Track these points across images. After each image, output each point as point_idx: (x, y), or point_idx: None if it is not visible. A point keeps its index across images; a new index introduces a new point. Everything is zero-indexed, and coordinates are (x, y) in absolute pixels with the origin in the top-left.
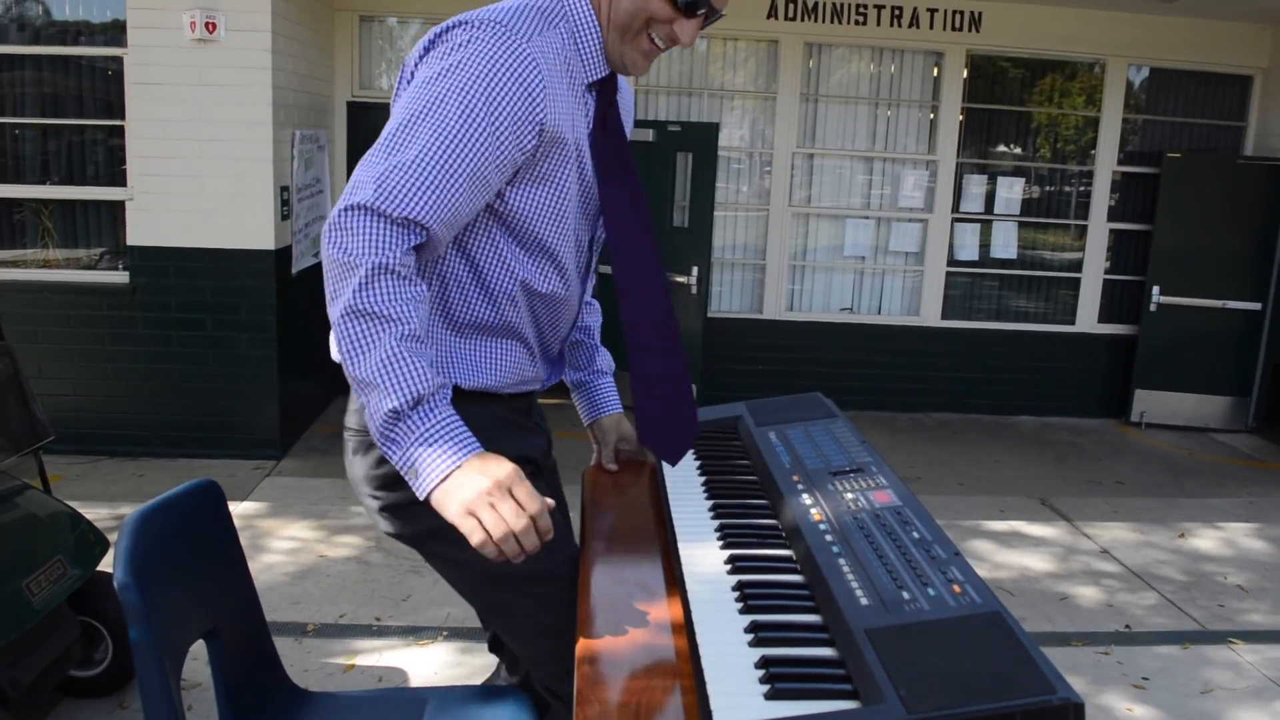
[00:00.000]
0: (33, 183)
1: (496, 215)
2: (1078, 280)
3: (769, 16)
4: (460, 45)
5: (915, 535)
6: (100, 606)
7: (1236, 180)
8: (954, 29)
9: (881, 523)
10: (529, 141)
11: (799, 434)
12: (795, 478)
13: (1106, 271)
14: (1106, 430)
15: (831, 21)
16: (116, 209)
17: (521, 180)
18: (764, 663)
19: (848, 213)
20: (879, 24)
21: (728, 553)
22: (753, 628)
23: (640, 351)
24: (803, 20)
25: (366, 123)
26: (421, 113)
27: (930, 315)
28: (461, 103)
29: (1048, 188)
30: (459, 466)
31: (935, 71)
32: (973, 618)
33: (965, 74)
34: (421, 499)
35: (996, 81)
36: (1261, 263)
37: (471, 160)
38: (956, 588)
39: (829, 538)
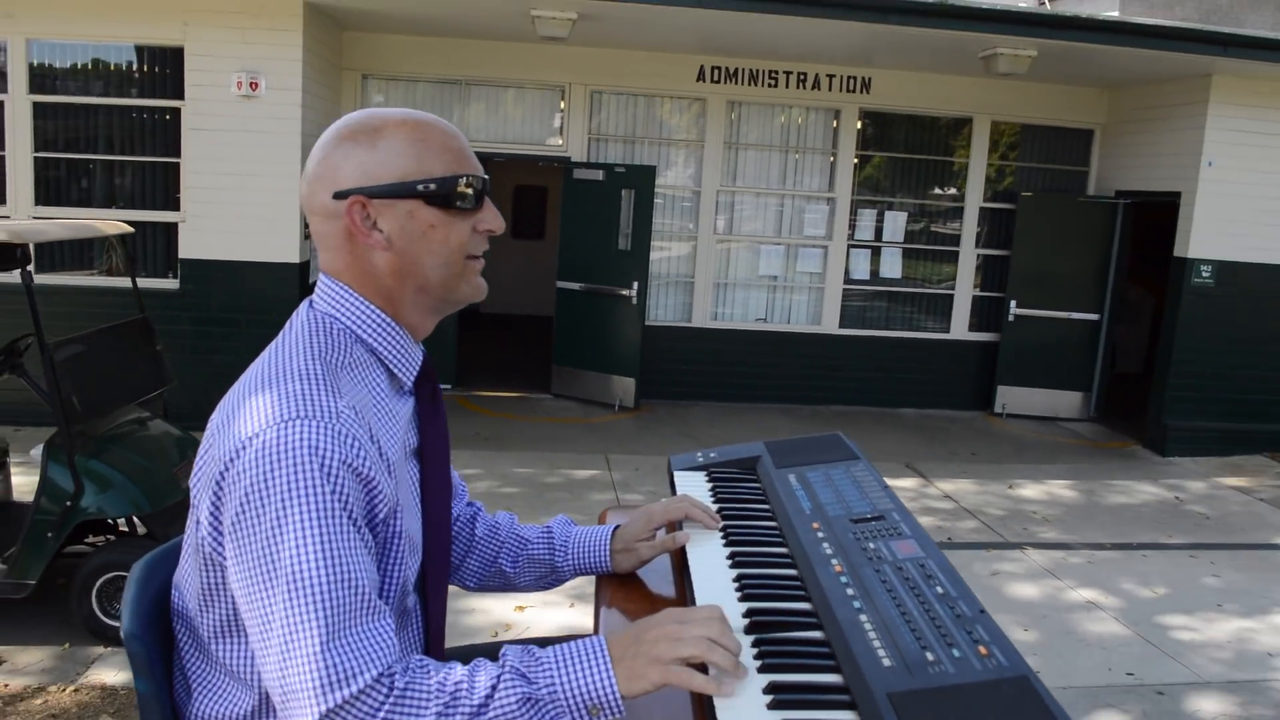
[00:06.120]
0: (101, 206)
1: None
2: (951, 296)
3: (698, 79)
4: (270, 496)
5: (939, 590)
6: None
7: (1079, 215)
8: (849, 91)
9: (904, 575)
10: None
11: (819, 477)
12: (815, 525)
13: (975, 289)
14: (975, 419)
15: (749, 84)
16: (170, 229)
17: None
18: None
19: (762, 240)
20: (788, 86)
21: (746, 605)
22: (771, 688)
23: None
24: (725, 83)
25: None
26: (288, 591)
27: (830, 324)
28: (312, 556)
29: (926, 220)
30: (609, 654)
31: (834, 124)
32: (1000, 682)
33: (859, 127)
34: (623, 708)
35: (884, 133)
36: (1099, 282)
37: (352, 585)
38: (982, 649)
39: (850, 591)
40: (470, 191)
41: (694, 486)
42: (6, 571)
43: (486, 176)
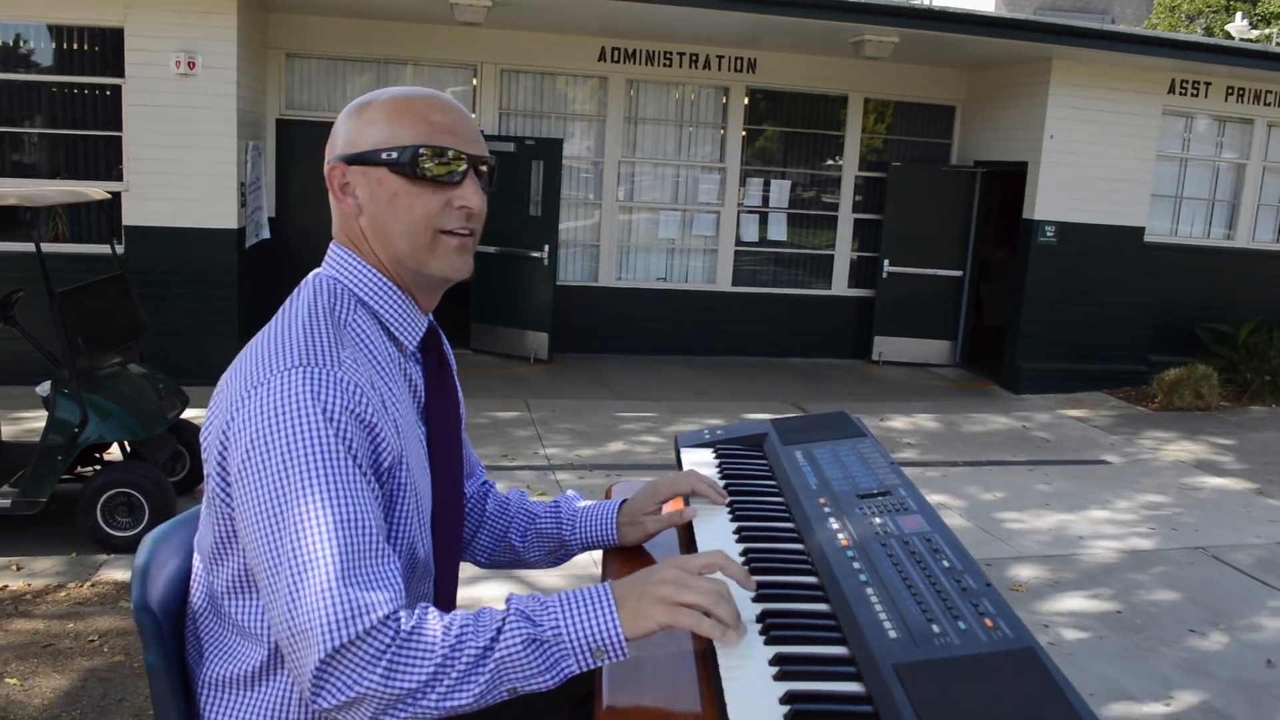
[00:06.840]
0: (46, 177)
1: None
2: (831, 256)
3: (599, 60)
4: (274, 436)
5: (945, 564)
6: (184, 437)
7: (943, 182)
8: (736, 70)
9: (910, 550)
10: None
11: (826, 454)
12: (822, 500)
13: (852, 250)
14: (855, 366)
15: (646, 64)
16: (114, 198)
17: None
18: (789, 698)
19: (660, 206)
20: (681, 66)
21: (753, 579)
22: (777, 660)
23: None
24: (625, 63)
25: (290, 135)
26: (290, 529)
27: (724, 283)
28: (317, 489)
29: (808, 188)
30: (613, 597)
31: (724, 101)
32: (1005, 654)
33: (746, 103)
34: (627, 650)
35: (770, 109)
36: (961, 242)
37: (362, 523)
38: (988, 621)
39: (856, 565)
40: (435, 163)
41: (701, 464)
42: (19, 493)
43: (483, 155)
